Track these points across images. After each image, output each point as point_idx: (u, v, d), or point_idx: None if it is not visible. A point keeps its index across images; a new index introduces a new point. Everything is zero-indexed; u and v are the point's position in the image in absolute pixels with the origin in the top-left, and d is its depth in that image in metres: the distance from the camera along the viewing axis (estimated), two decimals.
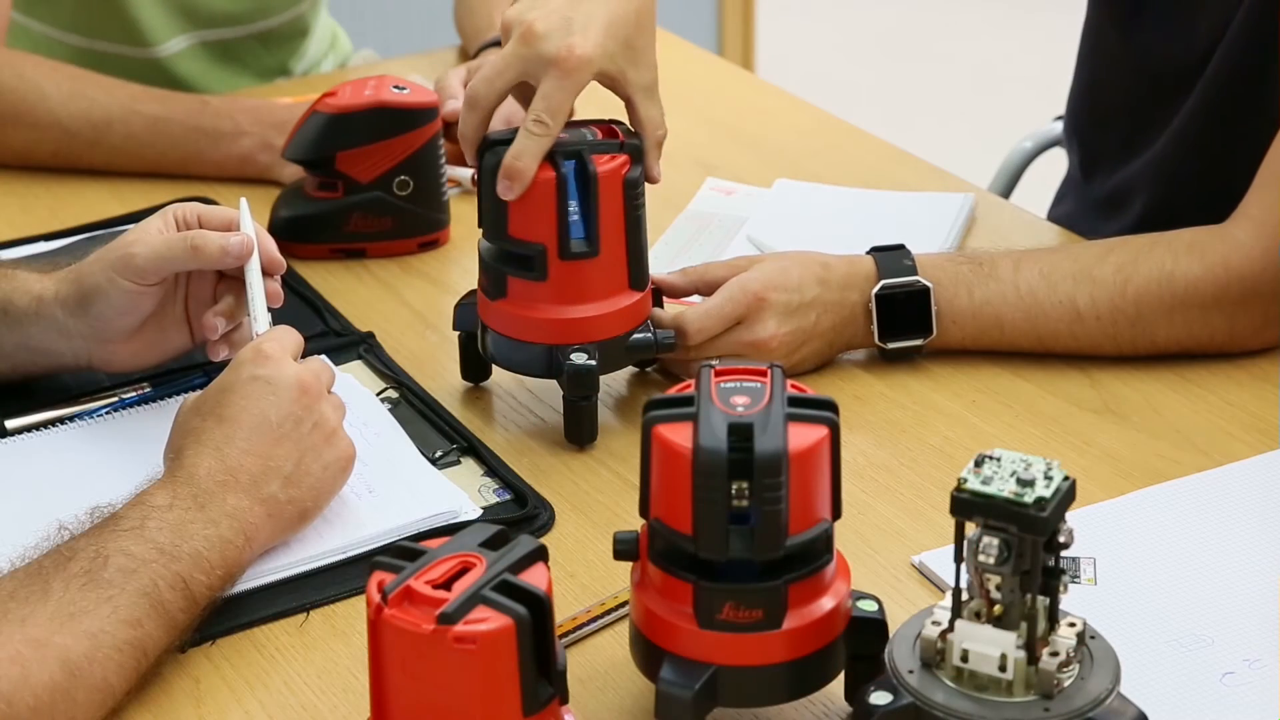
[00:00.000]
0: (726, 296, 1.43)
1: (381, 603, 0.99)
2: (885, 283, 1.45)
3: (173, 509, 1.18)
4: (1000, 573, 1.02)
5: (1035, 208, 1.82)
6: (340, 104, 1.65)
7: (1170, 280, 1.44)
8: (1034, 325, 1.46)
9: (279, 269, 1.40)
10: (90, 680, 1.09)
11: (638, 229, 1.38)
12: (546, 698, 1.01)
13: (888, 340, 1.47)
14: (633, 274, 1.39)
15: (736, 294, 1.43)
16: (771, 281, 1.43)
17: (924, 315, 1.46)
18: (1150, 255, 1.46)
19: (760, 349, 1.43)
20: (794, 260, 1.46)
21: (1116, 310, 1.45)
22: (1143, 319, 1.45)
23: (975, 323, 1.47)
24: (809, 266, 1.46)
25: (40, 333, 1.40)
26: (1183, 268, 1.44)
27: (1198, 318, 1.45)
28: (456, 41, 2.12)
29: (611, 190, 1.35)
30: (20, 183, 1.84)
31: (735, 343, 1.43)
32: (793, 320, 1.43)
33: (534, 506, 1.33)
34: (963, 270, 1.47)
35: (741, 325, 1.43)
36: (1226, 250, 1.44)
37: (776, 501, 1.03)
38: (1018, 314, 1.46)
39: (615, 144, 1.36)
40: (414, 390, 1.47)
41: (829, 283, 1.45)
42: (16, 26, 2.02)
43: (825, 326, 1.45)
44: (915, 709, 1.03)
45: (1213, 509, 1.30)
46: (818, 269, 1.45)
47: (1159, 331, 1.46)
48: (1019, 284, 1.46)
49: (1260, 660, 1.15)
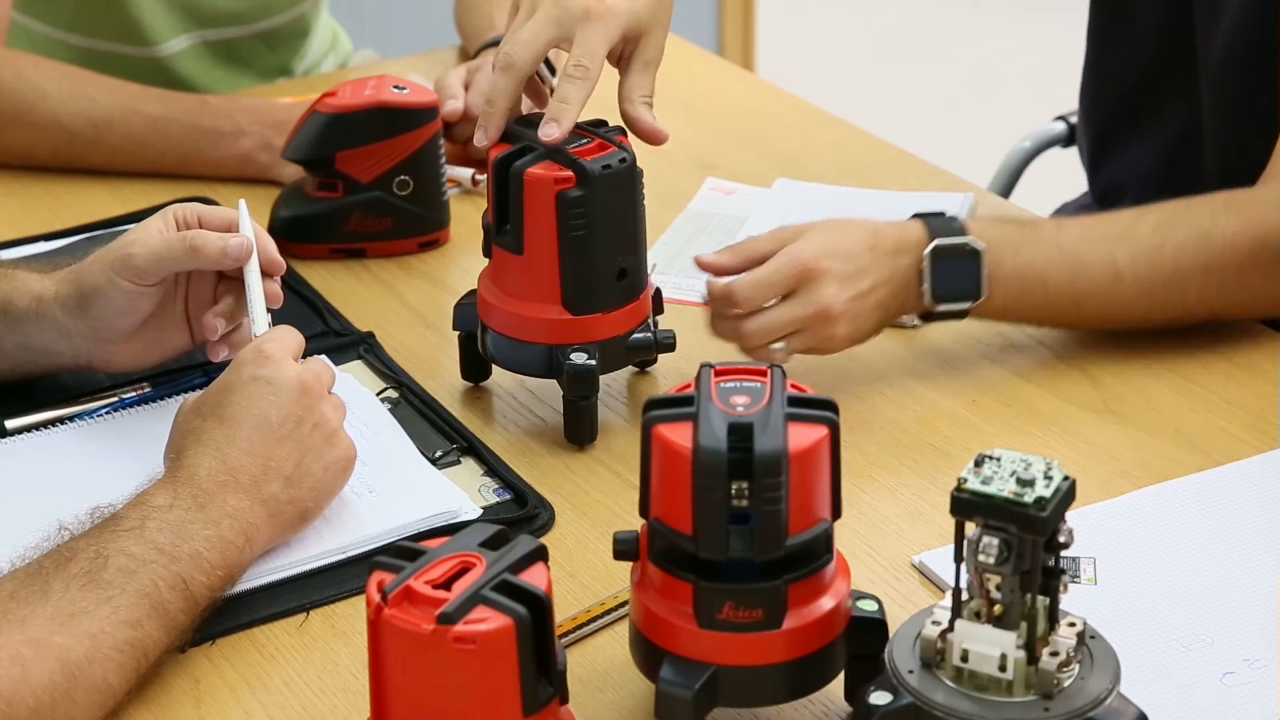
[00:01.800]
0: (776, 265, 1.40)
1: (381, 603, 0.99)
2: (939, 243, 1.43)
3: (173, 509, 1.18)
4: (1000, 573, 1.02)
5: (1035, 208, 1.82)
6: (340, 104, 1.65)
7: (1208, 237, 1.44)
8: (1075, 284, 1.45)
9: (278, 270, 1.40)
10: (90, 680, 1.09)
11: (576, 247, 1.35)
12: (546, 698, 1.01)
13: (938, 304, 1.44)
14: (566, 291, 1.37)
15: (787, 263, 1.40)
16: (824, 249, 1.40)
17: (974, 278, 1.43)
18: (1188, 213, 1.46)
19: (824, 318, 1.40)
20: (842, 229, 1.43)
21: (1154, 268, 1.44)
22: (1179, 276, 1.44)
23: (1019, 283, 1.44)
24: (858, 234, 1.43)
25: (40, 333, 1.40)
26: (1220, 225, 1.44)
27: (1233, 276, 1.44)
28: (456, 41, 2.12)
29: (540, 197, 1.35)
30: (20, 183, 1.84)
31: (797, 316, 1.40)
32: (851, 286, 1.40)
33: (534, 506, 1.33)
34: (1009, 231, 1.46)
35: (799, 295, 1.40)
36: (1263, 209, 1.44)
37: (776, 501, 1.03)
38: (1060, 273, 1.44)
39: (609, 155, 1.36)
40: (414, 390, 1.46)
41: (880, 249, 1.42)
42: (16, 26, 2.02)
43: (882, 294, 1.42)
44: (915, 709, 1.03)
45: (1213, 509, 1.30)
46: (868, 236, 1.43)
47: (1191, 291, 1.45)
48: (1062, 243, 1.45)
49: (1260, 660, 1.15)
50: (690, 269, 1.64)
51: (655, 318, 1.45)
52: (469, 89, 1.82)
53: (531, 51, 1.38)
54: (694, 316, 1.55)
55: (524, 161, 1.35)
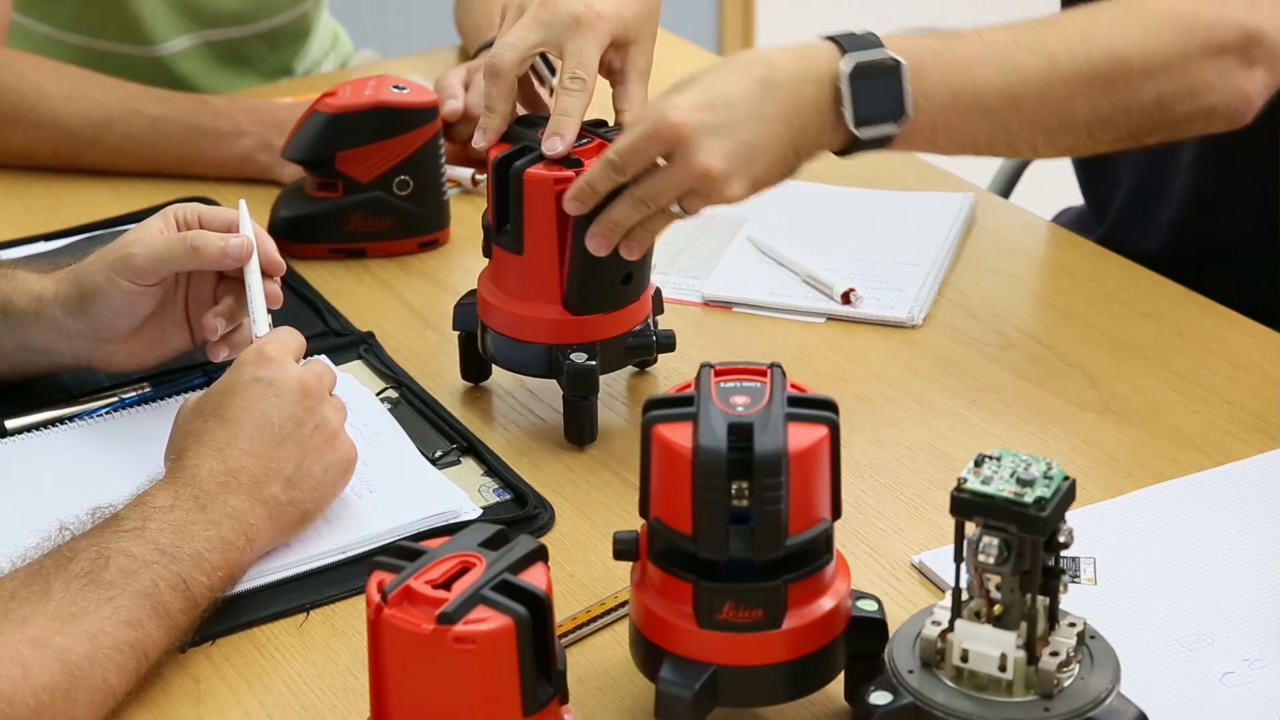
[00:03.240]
0: (641, 129, 1.28)
1: (381, 603, 0.99)
2: (858, 59, 1.30)
3: (174, 510, 1.18)
4: (1000, 573, 1.02)
5: (1035, 208, 1.82)
6: (340, 104, 1.65)
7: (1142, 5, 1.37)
8: (1007, 80, 1.33)
9: (278, 270, 1.40)
10: (90, 681, 1.09)
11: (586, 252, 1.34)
12: (546, 698, 1.01)
13: (860, 128, 1.32)
14: (569, 292, 1.36)
15: (651, 124, 1.28)
16: (697, 101, 1.28)
17: (897, 94, 1.32)
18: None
19: (708, 178, 1.28)
20: (728, 70, 1.30)
21: (1091, 45, 1.34)
22: (1118, 50, 1.35)
23: (947, 91, 1.33)
24: (746, 74, 1.30)
25: (40, 333, 1.40)
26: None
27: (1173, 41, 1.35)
28: (457, 41, 2.12)
29: (540, 197, 1.35)
30: (20, 183, 1.84)
31: (677, 180, 1.29)
32: (732, 137, 1.28)
33: (534, 506, 1.33)
34: (927, 39, 1.35)
35: (675, 158, 1.28)
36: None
37: (776, 501, 1.03)
38: (990, 70, 1.33)
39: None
40: (414, 390, 1.47)
41: (775, 84, 1.30)
42: (16, 27, 2.02)
43: (783, 131, 1.30)
44: (915, 709, 1.03)
45: (1213, 509, 1.30)
46: (760, 70, 1.30)
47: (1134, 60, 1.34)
48: (987, 39, 1.35)
49: (1260, 660, 1.15)
50: (691, 269, 1.64)
51: (655, 318, 1.45)
52: (469, 89, 1.82)
53: (517, 53, 1.37)
54: (694, 316, 1.55)
55: (524, 161, 1.35)
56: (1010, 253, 1.68)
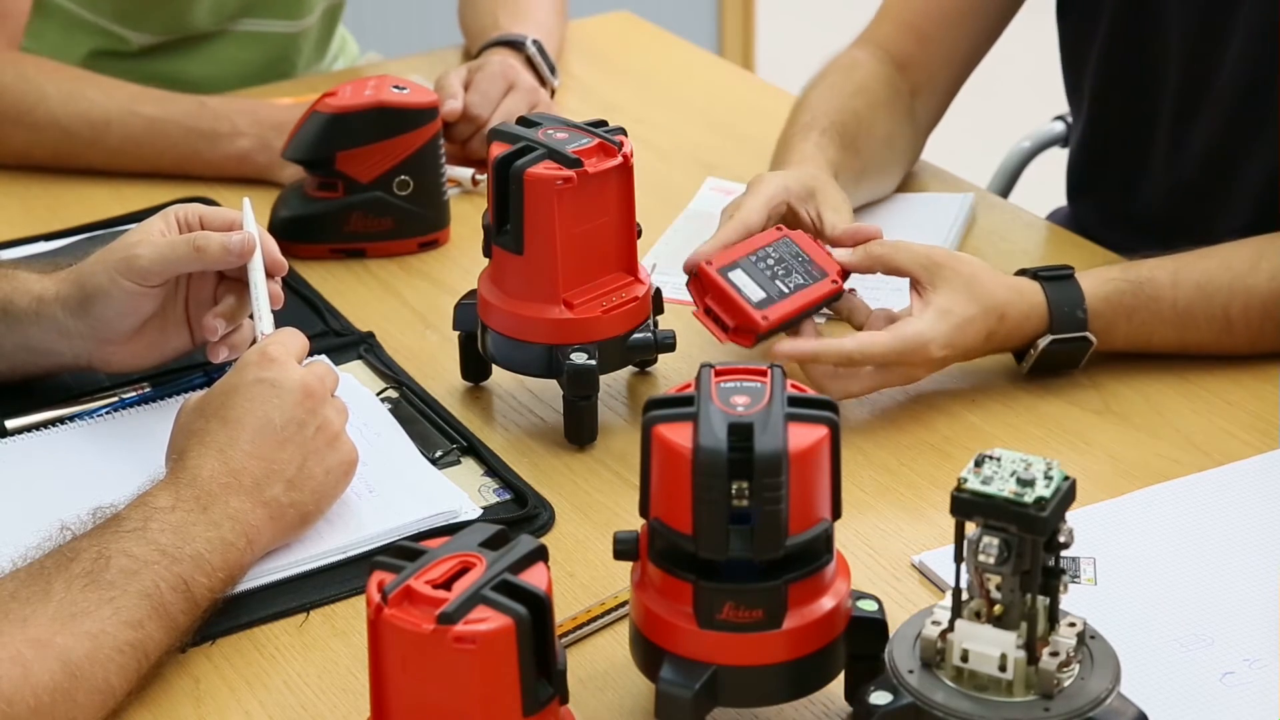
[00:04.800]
0: (899, 349, 1.39)
1: (381, 603, 0.99)
2: (1054, 339, 1.43)
3: (175, 510, 1.18)
4: (1000, 573, 1.02)
5: (1034, 208, 1.82)
6: (340, 104, 1.65)
7: None
8: (1183, 339, 1.45)
9: (280, 270, 1.40)
10: (91, 681, 1.09)
11: None
12: (546, 698, 1.01)
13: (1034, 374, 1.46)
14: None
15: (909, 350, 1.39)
16: (945, 340, 1.39)
17: (1077, 361, 1.45)
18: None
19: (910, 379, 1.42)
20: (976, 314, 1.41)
21: (1268, 317, 1.44)
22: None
23: (1125, 343, 1.45)
24: (984, 321, 1.41)
25: (40, 333, 1.40)
26: None
27: None
28: (458, 41, 2.12)
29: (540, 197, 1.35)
30: (20, 183, 1.84)
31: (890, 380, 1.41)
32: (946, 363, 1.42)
33: (534, 506, 1.33)
34: (1125, 296, 1.44)
35: (901, 367, 1.40)
36: None
37: (776, 501, 1.03)
38: (1169, 331, 1.45)
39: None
40: (414, 390, 1.46)
41: (995, 335, 1.42)
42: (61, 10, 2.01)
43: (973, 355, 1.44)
44: (915, 709, 1.03)
45: (1213, 509, 1.30)
46: (993, 323, 1.41)
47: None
48: (1177, 302, 1.44)
49: (1260, 660, 1.15)
50: None
51: (655, 318, 1.45)
52: (469, 89, 1.82)
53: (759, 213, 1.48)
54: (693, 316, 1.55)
55: (524, 161, 1.35)
56: (1010, 253, 1.68)
